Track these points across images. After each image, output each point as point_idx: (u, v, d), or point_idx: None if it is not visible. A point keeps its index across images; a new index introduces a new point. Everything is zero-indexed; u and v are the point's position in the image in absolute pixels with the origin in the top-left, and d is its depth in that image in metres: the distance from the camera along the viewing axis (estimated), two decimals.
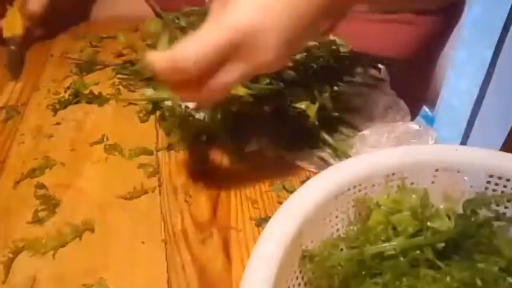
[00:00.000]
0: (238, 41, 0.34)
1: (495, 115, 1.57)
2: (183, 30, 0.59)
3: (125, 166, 0.53)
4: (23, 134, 0.58)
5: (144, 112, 0.61)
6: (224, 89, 0.37)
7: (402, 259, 0.33)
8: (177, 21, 0.61)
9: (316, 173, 0.47)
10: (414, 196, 0.36)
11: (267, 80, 0.51)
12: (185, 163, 0.53)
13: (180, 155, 0.54)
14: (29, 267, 0.41)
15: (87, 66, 0.70)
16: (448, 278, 0.32)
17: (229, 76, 0.36)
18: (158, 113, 0.60)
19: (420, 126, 0.48)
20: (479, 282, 0.31)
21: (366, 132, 0.50)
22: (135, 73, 0.68)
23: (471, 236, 0.34)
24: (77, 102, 0.63)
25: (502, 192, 0.37)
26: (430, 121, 1.82)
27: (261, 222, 0.45)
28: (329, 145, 0.52)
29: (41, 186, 0.49)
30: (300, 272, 0.34)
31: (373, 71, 0.57)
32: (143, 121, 0.60)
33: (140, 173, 0.52)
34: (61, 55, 0.75)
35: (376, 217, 0.36)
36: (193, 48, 0.34)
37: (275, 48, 0.35)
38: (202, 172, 0.52)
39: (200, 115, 0.55)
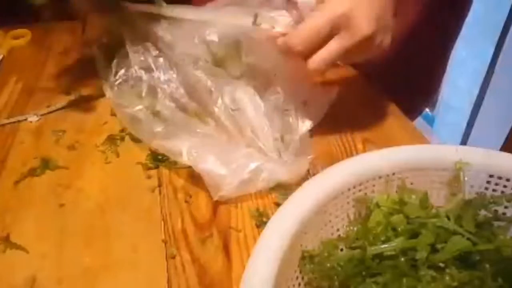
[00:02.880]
0: (335, 22, 0.45)
1: (495, 115, 1.57)
2: None
3: (125, 166, 0.53)
4: (23, 134, 0.58)
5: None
6: (326, 62, 0.47)
7: (402, 259, 0.33)
8: None
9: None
10: (414, 196, 0.36)
11: None
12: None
13: None
14: (29, 267, 0.41)
15: None
16: (447, 278, 0.32)
17: (330, 50, 0.46)
18: None
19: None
20: (477, 282, 0.31)
21: None
22: None
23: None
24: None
25: (502, 192, 0.37)
26: (430, 121, 1.82)
27: (261, 222, 0.45)
28: None
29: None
30: (300, 272, 0.34)
31: None
32: None
33: (140, 173, 0.52)
34: (60, 54, 0.75)
35: (376, 217, 0.36)
36: (301, 30, 0.46)
37: (366, 25, 0.45)
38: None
39: None
